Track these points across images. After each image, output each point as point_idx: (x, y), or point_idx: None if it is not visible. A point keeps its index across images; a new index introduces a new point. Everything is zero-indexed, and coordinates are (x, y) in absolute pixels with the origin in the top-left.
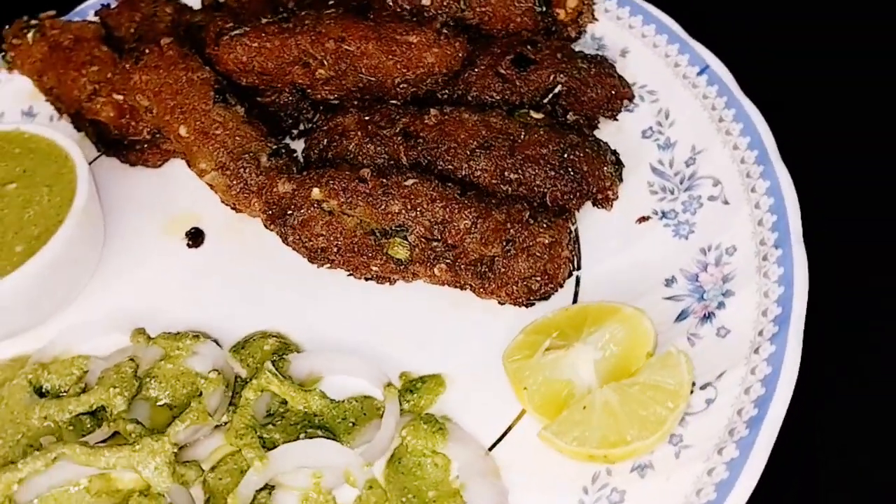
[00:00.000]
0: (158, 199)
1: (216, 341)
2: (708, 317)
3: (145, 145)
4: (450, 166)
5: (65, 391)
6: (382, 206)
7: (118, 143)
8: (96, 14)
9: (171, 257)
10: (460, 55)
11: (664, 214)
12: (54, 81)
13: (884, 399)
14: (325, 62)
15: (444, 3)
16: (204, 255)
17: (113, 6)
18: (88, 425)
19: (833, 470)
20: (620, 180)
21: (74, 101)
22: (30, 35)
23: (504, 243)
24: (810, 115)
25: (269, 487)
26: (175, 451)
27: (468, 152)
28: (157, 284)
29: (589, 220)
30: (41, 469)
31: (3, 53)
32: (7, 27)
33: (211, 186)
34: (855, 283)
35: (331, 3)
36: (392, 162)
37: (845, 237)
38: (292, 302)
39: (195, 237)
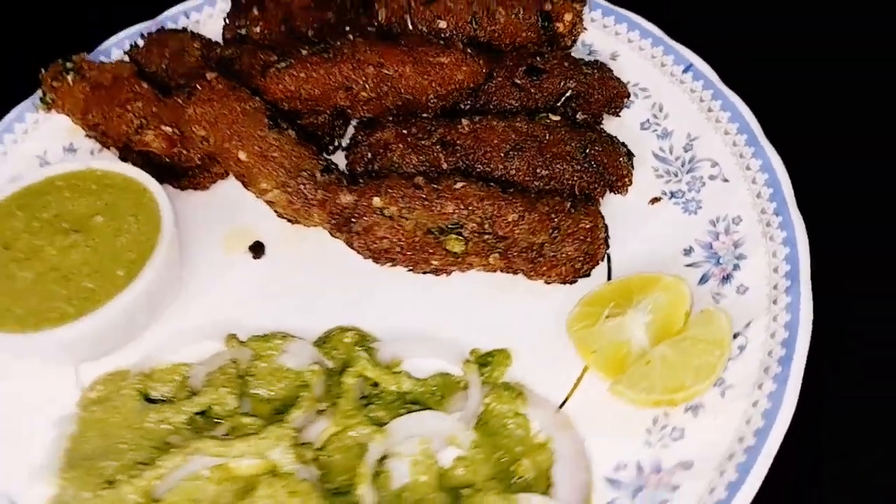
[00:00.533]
0: (211, 219)
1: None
2: (727, 278)
3: (196, 170)
4: (487, 168)
5: (172, 396)
6: (438, 208)
7: (170, 169)
8: (126, 53)
9: (238, 270)
10: (484, 70)
11: (673, 194)
12: (100, 118)
13: (880, 402)
14: (367, 86)
15: (459, 25)
16: (268, 266)
17: (141, 44)
18: (201, 423)
19: (834, 473)
20: (633, 168)
21: (122, 135)
22: (69, 77)
23: (551, 231)
24: (785, 117)
25: (381, 457)
26: (295, 435)
27: (502, 154)
28: (233, 296)
29: (609, 205)
30: (180, 464)
31: (42, 95)
32: (43, 71)
33: (270, 203)
34: (830, 289)
35: (346, 29)
36: (433, 169)
37: (821, 242)
38: (357, 300)
39: (257, 249)
